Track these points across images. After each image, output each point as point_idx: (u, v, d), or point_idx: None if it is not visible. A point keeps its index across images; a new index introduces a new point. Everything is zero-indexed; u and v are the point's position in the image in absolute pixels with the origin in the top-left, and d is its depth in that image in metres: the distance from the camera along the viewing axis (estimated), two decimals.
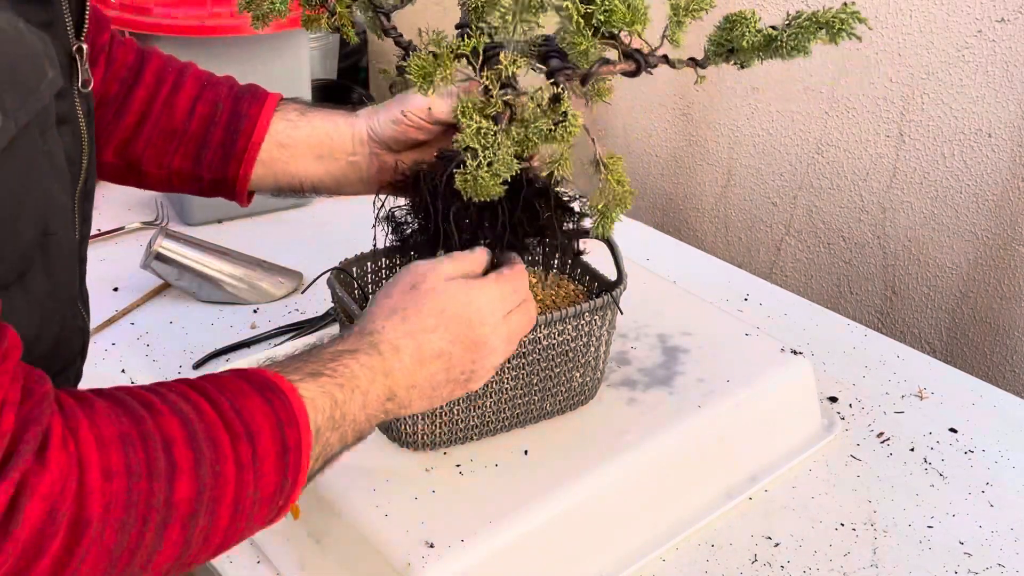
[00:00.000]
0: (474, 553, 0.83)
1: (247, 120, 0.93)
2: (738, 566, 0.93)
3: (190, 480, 0.58)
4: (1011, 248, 1.38)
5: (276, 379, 0.65)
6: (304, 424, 0.65)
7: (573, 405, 0.98)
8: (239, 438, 0.61)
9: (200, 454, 0.59)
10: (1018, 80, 1.31)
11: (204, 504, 0.59)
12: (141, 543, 0.56)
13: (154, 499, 0.56)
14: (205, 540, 0.60)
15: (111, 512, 0.54)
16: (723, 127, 1.69)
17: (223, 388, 0.63)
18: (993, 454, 1.09)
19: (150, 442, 0.57)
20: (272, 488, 0.63)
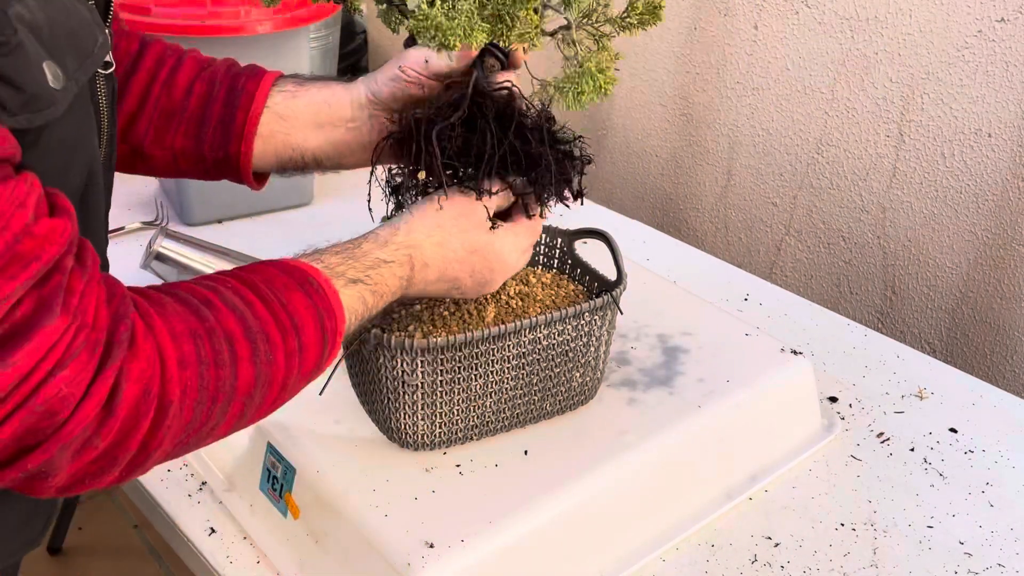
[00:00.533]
0: (474, 553, 0.83)
1: (244, 95, 0.94)
2: (738, 566, 0.93)
3: (249, 367, 0.67)
4: (1011, 248, 1.38)
5: (315, 274, 0.74)
6: (340, 314, 0.74)
7: (573, 405, 0.98)
8: (287, 332, 0.70)
9: (256, 347, 0.68)
10: (1018, 80, 1.31)
11: (260, 387, 0.68)
12: (210, 416, 0.66)
13: (221, 383, 0.65)
14: (256, 411, 0.71)
15: (188, 394, 0.63)
16: (723, 127, 1.69)
17: (271, 284, 0.71)
18: (993, 454, 1.09)
19: (214, 336, 0.65)
20: (311, 367, 0.73)
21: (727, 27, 1.62)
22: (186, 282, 0.70)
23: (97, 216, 0.75)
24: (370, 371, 0.90)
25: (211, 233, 1.45)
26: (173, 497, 1.01)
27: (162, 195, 1.59)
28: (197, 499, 1.00)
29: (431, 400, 0.89)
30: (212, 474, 1.02)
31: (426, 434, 0.91)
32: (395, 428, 0.92)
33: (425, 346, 0.86)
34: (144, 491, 1.02)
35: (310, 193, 1.58)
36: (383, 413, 0.92)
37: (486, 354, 0.89)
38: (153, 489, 1.01)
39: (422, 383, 0.88)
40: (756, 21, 1.57)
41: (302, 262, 0.75)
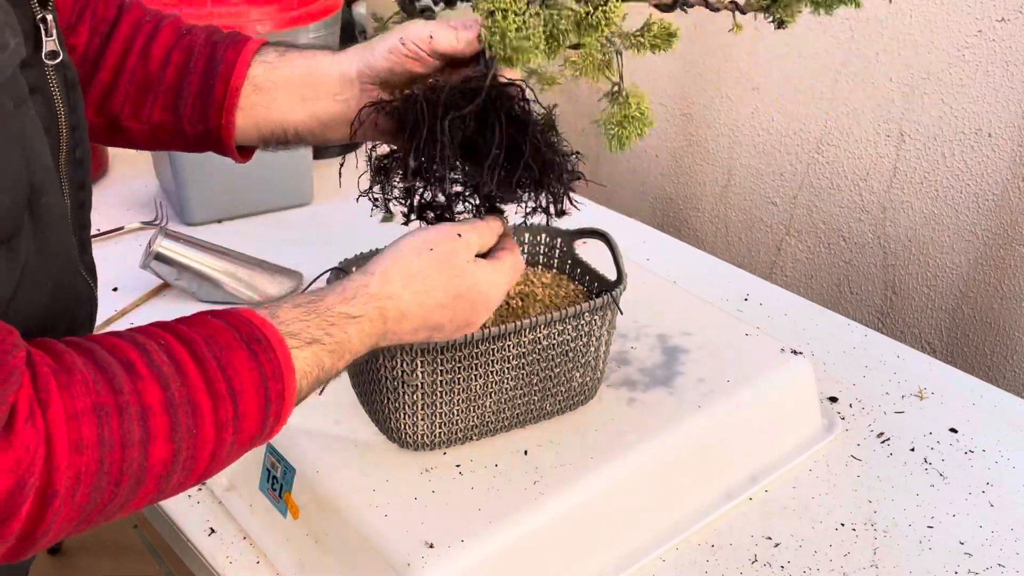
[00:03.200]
0: (474, 553, 0.83)
1: (223, 65, 0.88)
2: (738, 566, 0.93)
3: (165, 445, 0.60)
4: (1011, 248, 1.38)
5: (266, 330, 0.67)
6: (289, 377, 0.67)
7: (573, 405, 0.98)
8: (220, 399, 0.63)
9: (176, 421, 0.60)
10: (1018, 80, 1.31)
11: (180, 463, 0.61)
12: (114, 499, 0.59)
13: (127, 465, 0.58)
14: (180, 485, 0.64)
15: (82, 480, 0.56)
16: (723, 127, 1.69)
17: (211, 341, 0.64)
18: (993, 454, 1.08)
19: (126, 413, 0.58)
20: (251, 435, 0.66)
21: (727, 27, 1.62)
22: (116, 335, 0.63)
23: (56, 227, 0.70)
24: (370, 371, 0.90)
25: (211, 233, 1.45)
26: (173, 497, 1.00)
27: (162, 195, 1.59)
28: (197, 499, 1.00)
29: (431, 400, 0.89)
30: None
31: (426, 434, 0.91)
32: (395, 428, 0.92)
33: (425, 346, 0.86)
34: None
35: (310, 193, 1.58)
36: (383, 413, 0.92)
37: (486, 354, 0.89)
38: None
39: (422, 383, 0.88)
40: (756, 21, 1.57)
41: (255, 315, 0.68)
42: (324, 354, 0.70)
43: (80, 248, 0.78)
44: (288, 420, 0.69)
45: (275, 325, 0.68)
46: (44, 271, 0.69)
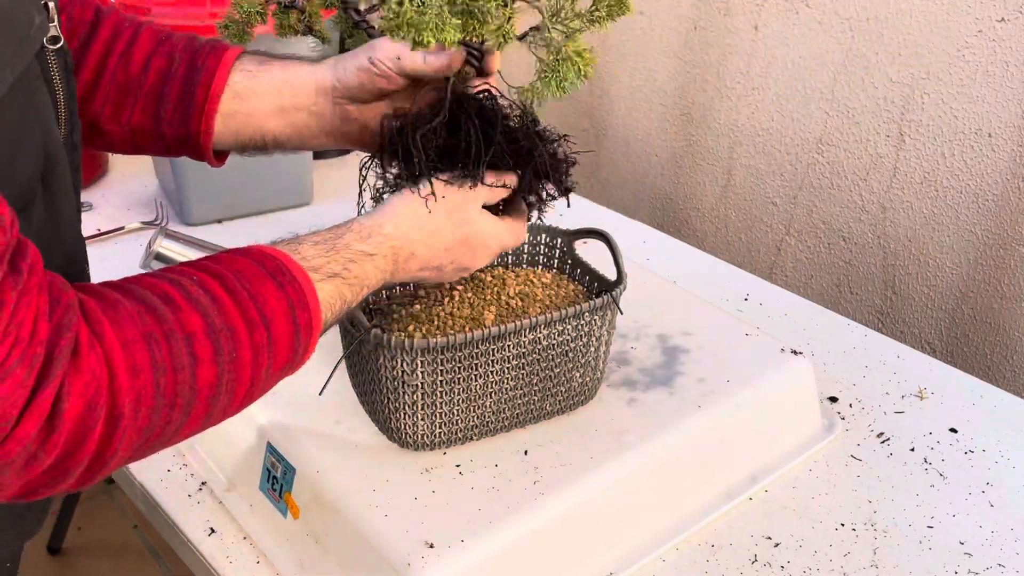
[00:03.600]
0: (474, 553, 0.83)
1: (204, 72, 0.90)
2: (738, 566, 0.93)
3: (211, 368, 0.64)
4: (1011, 248, 1.38)
5: (289, 264, 0.71)
6: (315, 308, 0.71)
7: (573, 405, 0.98)
8: (255, 326, 0.67)
9: (219, 344, 0.64)
10: (1018, 80, 1.31)
11: (224, 386, 0.65)
12: (170, 421, 0.63)
13: (180, 388, 0.62)
14: (225, 410, 0.68)
15: (142, 402, 0.60)
16: (723, 127, 1.69)
17: (240, 275, 0.68)
18: (993, 454, 1.08)
19: (172, 338, 0.62)
20: (283, 362, 0.70)
21: (727, 27, 1.62)
22: (149, 275, 0.67)
23: (65, 198, 0.73)
24: (370, 371, 0.90)
25: (211, 233, 1.45)
26: (173, 497, 1.00)
27: (162, 195, 1.59)
28: (197, 499, 1.00)
29: (431, 400, 0.89)
30: (212, 474, 1.02)
31: (426, 434, 0.91)
32: (395, 428, 0.92)
33: (425, 346, 0.86)
34: (144, 491, 1.02)
35: (310, 193, 1.58)
36: (383, 413, 0.92)
37: (486, 354, 0.89)
38: (153, 489, 1.01)
39: (422, 383, 0.88)
40: (756, 21, 1.57)
41: (278, 250, 0.72)
42: (344, 287, 0.75)
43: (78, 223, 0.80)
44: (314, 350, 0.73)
45: (298, 260, 0.72)
46: (55, 240, 0.71)
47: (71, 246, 0.76)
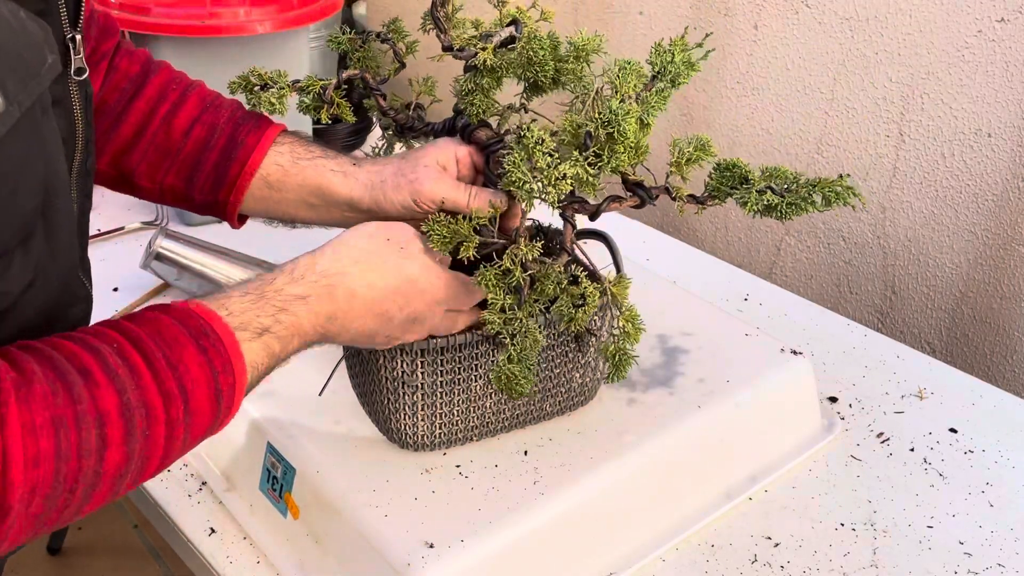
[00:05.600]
0: (474, 553, 0.83)
1: (243, 148, 0.92)
2: (738, 566, 0.93)
3: (120, 450, 0.61)
4: (1011, 248, 1.38)
5: (215, 324, 0.68)
6: (240, 370, 0.68)
7: (573, 406, 0.98)
8: (172, 398, 0.64)
9: (132, 425, 0.62)
10: (1018, 80, 1.31)
11: (133, 465, 0.63)
12: (69, 505, 0.60)
13: (83, 475, 0.59)
14: (133, 483, 0.65)
15: (37, 492, 0.57)
16: (723, 127, 1.69)
17: (160, 338, 0.65)
18: (993, 454, 1.09)
19: (83, 422, 0.59)
20: (202, 431, 0.68)
21: (727, 27, 1.62)
22: (70, 338, 0.64)
23: (66, 227, 0.73)
24: (370, 372, 0.90)
25: (211, 233, 1.45)
26: (173, 497, 1.01)
27: None
28: (197, 499, 1.00)
29: (431, 401, 0.89)
30: (212, 474, 1.02)
31: (426, 435, 0.91)
32: (395, 429, 0.92)
33: (425, 347, 0.86)
34: (144, 491, 1.02)
35: None
36: (383, 414, 0.92)
37: (486, 355, 0.89)
38: (153, 489, 1.01)
39: (422, 384, 0.88)
40: (756, 21, 1.57)
41: (203, 308, 0.69)
42: (274, 341, 0.72)
43: (80, 251, 0.80)
44: (239, 409, 0.71)
45: (224, 319, 0.69)
46: (53, 271, 0.71)
47: (66, 281, 0.75)
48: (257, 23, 1.45)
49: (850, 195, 0.75)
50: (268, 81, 0.93)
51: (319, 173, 0.92)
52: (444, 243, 0.81)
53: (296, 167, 0.93)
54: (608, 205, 0.83)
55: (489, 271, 0.78)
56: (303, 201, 0.93)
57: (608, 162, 0.76)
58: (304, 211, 0.94)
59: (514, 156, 0.76)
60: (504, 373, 0.76)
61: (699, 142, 0.81)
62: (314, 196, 0.93)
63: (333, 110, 0.94)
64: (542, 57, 0.83)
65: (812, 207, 0.76)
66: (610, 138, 0.76)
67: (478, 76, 0.88)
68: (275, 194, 0.93)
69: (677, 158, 0.81)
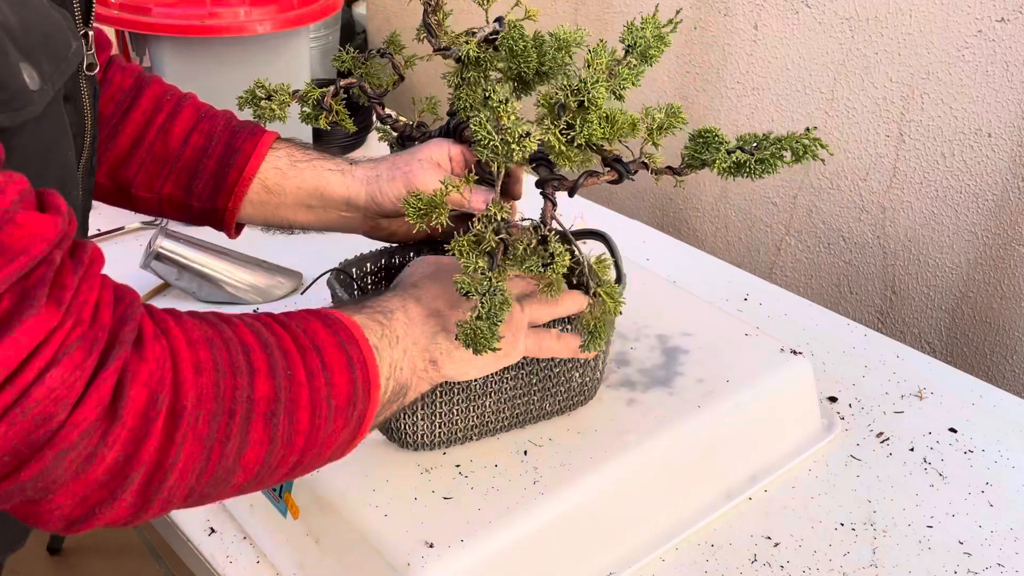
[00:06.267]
0: (474, 553, 0.83)
1: (240, 154, 0.94)
2: (738, 566, 0.93)
3: (267, 380, 0.63)
4: (1011, 248, 1.38)
5: (331, 311, 0.73)
6: (363, 341, 0.71)
7: (573, 406, 0.98)
8: (306, 350, 0.67)
9: (274, 360, 0.64)
10: (1018, 80, 1.31)
11: (282, 403, 0.64)
12: (229, 435, 0.60)
13: (238, 393, 0.61)
14: (289, 442, 0.65)
15: (202, 402, 0.59)
16: (723, 127, 1.69)
17: (287, 314, 0.70)
18: (993, 454, 1.09)
19: (231, 345, 0.62)
20: (345, 398, 0.68)
21: (727, 27, 1.62)
22: None
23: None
24: None
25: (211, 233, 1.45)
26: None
27: None
28: None
29: (431, 400, 0.89)
30: None
31: (426, 434, 0.91)
32: (395, 428, 0.92)
33: None
34: None
35: None
36: None
37: None
38: None
39: None
40: (756, 21, 1.57)
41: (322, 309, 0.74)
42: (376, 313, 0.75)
43: None
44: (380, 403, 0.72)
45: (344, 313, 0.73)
46: None
47: None
48: (257, 23, 1.45)
49: (817, 147, 0.76)
50: (271, 92, 0.95)
51: (317, 174, 0.94)
52: (420, 215, 0.81)
53: (294, 170, 0.94)
54: (585, 180, 0.83)
55: (463, 238, 0.79)
56: (301, 204, 0.95)
57: (581, 131, 0.77)
58: (302, 214, 0.96)
59: (480, 117, 0.77)
60: (470, 327, 0.76)
61: (671, 109, 0.82)
62: (312, 198, 0.94)
63: (332, 117, 0.95)
64: (523, 47, 0.84)
65: (781, 162, 0.77)
66: (581, 108, 0.77)
67: (465, 70, 0.90)
68: (273, 198, 0.95)
69: (648, 126, 0.81)
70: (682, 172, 0.84)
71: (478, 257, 0.78)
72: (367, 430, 0.72)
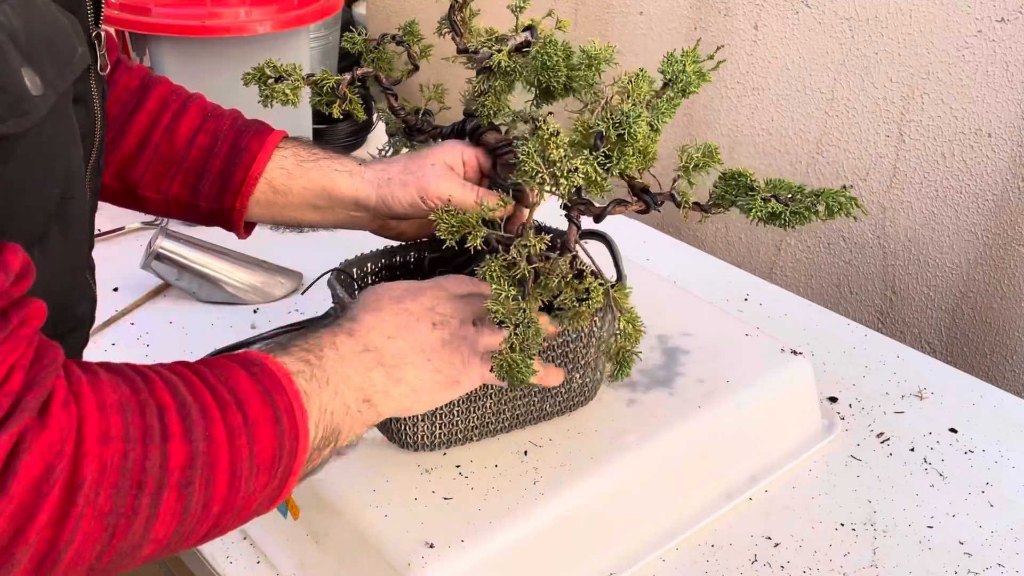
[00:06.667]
0: (474, 553, 0.83)
1: (247, 154, 0.93)
2: (738, 566, 0.93)
3: (183, 445, 0.59)
4: (1011, 248, 1.38)
5: (255, 354, 0.69)
6: (290, 387, 0.67)
7: (573, 406, 0.98)
8: (227, 405, 0.63)
9: (191, 422, 0.60)
10: (1018, 80, 1.31)
11: (198, 469, 0.60)
12: (137, 509, 0.57)
13: (149, 463, 0.57)
14: (204, 508, 0.61)
15: (106, 475, 0.55)
16: (723, 127, 1.69)
17: (208, 364, 0.66)
18: (993, 454, 1.09)
19: (147, 409, 0.59)
20: (269, 454, 0.64)
21: (727, 27, 1.62)
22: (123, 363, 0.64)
23: (79, 224, 0.73)
24: None
25: (211, 233, 1.45)
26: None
27: None
28: None
29: None
30: None
31: (426, 435, 0.91)
32: (395, 429, 0.92)
33: None
34: None
35: None
36: None
37: None
38: None
39: None
40: (756, 21, 1.57)
41: (243, 350, 0.70)
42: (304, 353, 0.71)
43: (88, 250, 0.81)
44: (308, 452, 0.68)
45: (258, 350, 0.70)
46: (66, 267, 0.72)
47: (77, 271, 0.76)
48: (257, 23, 1.45)
49: (853, 205, 0.77)
50: (283, 73, 0.93)
51: (324, 174, 0.93)
52: (452, 232, 0.81)
53: (301, 169, 0.94)
54: (613, 208, 0.84)
55: (494, 262, 0.79)
56: (309, 203, 0.94)
57: (617, 163, 0.77)
58: (310, 214, 0.95)
59: (528, 147, 0.77)
60: (506, 361, 0.76)
61: (707, 149, 0.82)
62: (320, 198, 0.94)
63: (345, 106, 0.94)
64: (556, 62, 0.84)
65: (815, 216, 0.78)
66: (620, 140, 0.77)
67: (491, 78, 0.89)
68: (280, 198, 0.94)
69: (685, 163, 0.81)
70: (709, 210, 0.84)
71: (510, 285, 0.78)
72: (293, 484, 0.68)
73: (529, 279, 0.79)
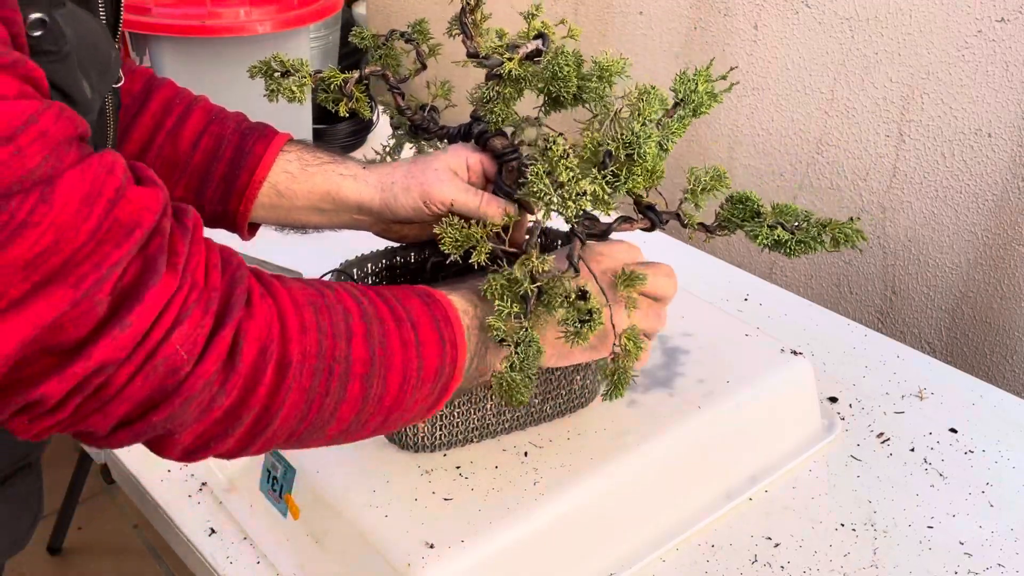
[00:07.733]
0: (474, 553, 0.83)
1: (251, 157, 0.93)
2: (738, 566, 0.93)
3: (364, 345, 0.68)
4: (1011, 248, 1.38)
5: (430, 290, 0.77)
6: (457, 325, 0.76)
7: (573, 408, 0.98)
8: (402, 322, 0.72)
9: (371, 327, 0.69)
10: (1018, 80, 1.31)
11: (376, 368, 0.69)
12: (329, 389, 0.66)
13: (338, 353, 0.67)
14: (379, 402, 0.70)
15: (307, 359, 0.65)
16: (723, 127, 1.69)
17: (388, 288, 0.75)
18: (993, 454, 1.09)
19: (334, 310, 0.68)
20: (434, 370, 0.73)
21: (727, 27, 1.62)
22: None
23: None
24: None
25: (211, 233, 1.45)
26: (173, 497, 1.01)
27: None
28: (197, 499, 1.00)
29: None
30: (212, 474, 1.02)
31: (426, 436, 0.91)
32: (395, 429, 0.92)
33: None
34: (144, 491, 1.02)
35: None
36: None
37: None
38: (153, 489, 1.02)
39: None
40: (756, 21, 1.57)
41: (423, 287, 0.78)
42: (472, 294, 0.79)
43: None
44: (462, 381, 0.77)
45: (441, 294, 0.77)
46: None
47: None
48: (257, 23, 1.45)
49: (859, 238, 0.78)
50: (290, 68, 0.92)
51: (328, 179, 0.93)
52: (456, 246, 0.81)
53: (305, 173, 0.94)
54: (619, 225, 0.84)
55: (497, 278, 0.79)
56: (313, 207, 0.94)
57: (625, 182, 0.77)
58: (315, 216, 0.95)
59: (537, 167, 0.77)
60: (505, 380, 0.76)
61: (715, 172, 0.82)
62: (324, 201, 0.94)
63: (352, 104, 0.94)
64: (567, 73, 0.83)
65: (820, 247, 0.79)
66: (629, 159, 0.77)
67: (501, 85, 0.88)
68: (285, 201, 0.94)
69: (693, 186, 0.82)
70: (714, 231, 0.84)
71: (512, 302, 0.78)
72: (443, 403, 0.77)
73: (532, 297, 0.79)
